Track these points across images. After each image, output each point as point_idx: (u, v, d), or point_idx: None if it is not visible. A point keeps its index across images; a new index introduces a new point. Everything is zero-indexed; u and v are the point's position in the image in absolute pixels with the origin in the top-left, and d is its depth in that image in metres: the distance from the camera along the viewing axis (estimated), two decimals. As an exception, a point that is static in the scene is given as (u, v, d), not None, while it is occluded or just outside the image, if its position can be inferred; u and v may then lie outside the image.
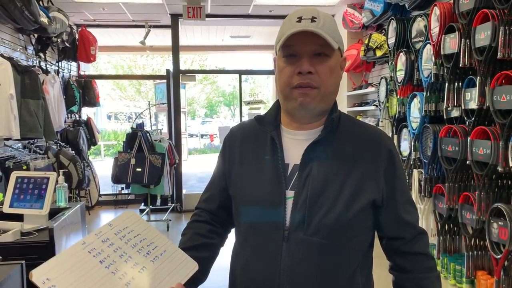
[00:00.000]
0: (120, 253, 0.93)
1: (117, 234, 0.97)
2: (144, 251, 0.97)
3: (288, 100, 1.05)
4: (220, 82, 22.52)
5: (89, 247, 0.91)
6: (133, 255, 0.95)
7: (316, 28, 0.98)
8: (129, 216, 1.04)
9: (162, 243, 1.03)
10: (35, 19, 3.83)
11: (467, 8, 2.88)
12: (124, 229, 0.99)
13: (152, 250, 0.99)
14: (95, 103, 6.39)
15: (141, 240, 0.99)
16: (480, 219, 2.77)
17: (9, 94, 3.58)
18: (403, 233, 1.09)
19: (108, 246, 0.93)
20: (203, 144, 18.69)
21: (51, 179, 2.11)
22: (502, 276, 2.57)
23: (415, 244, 1.10)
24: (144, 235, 1.01)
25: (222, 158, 1.20)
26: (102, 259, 0.90)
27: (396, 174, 1.07)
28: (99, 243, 0.93)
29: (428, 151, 3.45)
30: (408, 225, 1.09)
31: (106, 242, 0.94)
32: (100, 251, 0.91)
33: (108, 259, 0.91)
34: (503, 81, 2.57)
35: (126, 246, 0.96)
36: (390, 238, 1.11)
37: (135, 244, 0.98)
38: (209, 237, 1.17)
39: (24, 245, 1.94)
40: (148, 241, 1.00)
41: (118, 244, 0.95)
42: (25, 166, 3.90)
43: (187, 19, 5.56)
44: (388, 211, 1.07)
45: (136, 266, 0.93)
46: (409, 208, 1.10)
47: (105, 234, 0.95)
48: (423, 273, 1.09)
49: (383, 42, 4.38)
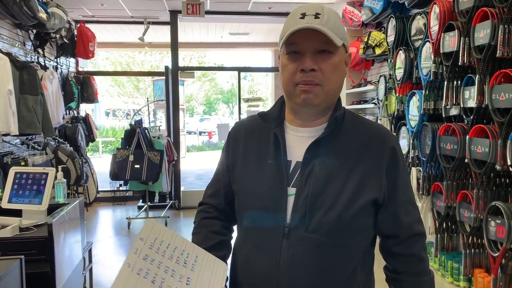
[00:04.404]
0: (164, 269, 0.92)
1: (151, 248, 0.94)
2: (181, 261, 0.96)
3: (291, 97, 1.05)
4: (218, 79, 22.49)
5: (136, 269, 0.89)
6: (175, 268, 0.94)
7: (319, 25, 0.97)
8: (152, 226, 1.00)
9: (191, 249, 1.01)
10: (33, 14, 3.82)
11: (466, 6, 2.88)
12: (154, 241, 0.96)
13: (187, 258, 0.98)
14: (94, 99, 6.38)
15: (174, 250, 0.97)
16: (478, 217, 2.78)
17: (8, 90, 3.56)
18: (397, 233, 1.08)
19: (151, 263, 0.91)
20: (201, 141, 18.68)
21: (50, 174, 2.10)
22: (499, 274, 2.58)
23: (408, 246, 1.08)
24: (174, 244, 0.99)
25: (226, 152, 1.19)
26: (152, 279, 0.88)
27: (398, 173, 1.07)
28: (141, 262, 0.90)
29: (426, 149, 3.45)
30: (403, 225, 1.08)
31: (147, 260, 0.91)
32: (147, 270, 0.89)
33: (157, 277, 0.89)
34: (502, 79, 2.58)
35: (165, 260, 0.94)
36: (385, 237, 1.11)
37: (171, 255, 0.96)
38: (223, 233, 1.17)
39: (23, 241, 1.93)
40: (180, 250, 0.99)
41: (158, 259, 0.93)
42: (23, 162, 3.90)
43: (186, 15, 5.55)
44: (387, 209, 1.06)
45: (182, 279, 0.92)
46: (409, 208, 1.09)
47: (143, 250, 0.92)
48: (411, 277, 1.08)
49: (383, 40, 4.38)
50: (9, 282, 1.36)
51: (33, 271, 1.77)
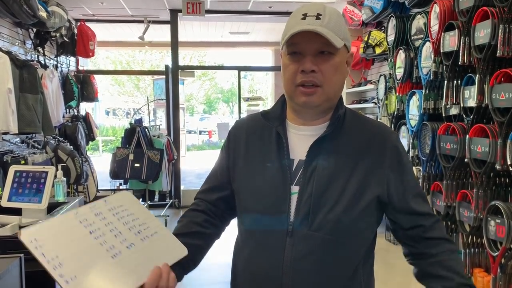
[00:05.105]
0: (110, 228, 0.94)
1: (111, 210, 0.98)
2: (135, 230, 0.98)
3: (292, 97, 1.06)
4: (218, 79, 22.48)
5: (81, 217, 0.91)
6: (123, 231, 0.95)
7: (321, 27, 0.97)
8: (125, 195, 1.04)
9: (154, 225, 1.03)
10: (33, 13, 3.82)
11: (467, 5, 2.88)
12: (118, 207, 1.00)
13: (144, 230, 0.99)
14: (94, 98, 6.37)
15: (133, 219, 1.00)
16: (478, 216, 2.78)
17: (8, 89, 3.56)
18: (421, 222, 1.08)
19: (100, 220, 0.94)
20: (201, 140, 18.68)
21: (49, 173, 2.10)
22: (499, 273, 2.58)
23: (435, 230, 1.09)
24: (137, 215, 1.01)
25: (226, 150, 1.18)
26: (92, 230, 0.90)
27: (403, 169, 1.08)
28: (91, 215, 0.93)
29: (426, 149, 3.45)
30: (424, 214, 1.09)
31: (98, 216, 0.94)
32: (92, 222, 0.92)
33: (98, 231, 0.91)
34: (502, 79, 2.58)
35: (118, 222, 0.96)
36: (407, 229, 1.10)
37: (127, 222, 0.98)
38: (204, 226, 1.16)
39: (23, 239, 1.93)
40: (141, 221, 1.01)
41: (110, 219, 0.95)
42: (23, 161, 3.90)
43: (187, 14, 5.55)
44: (400, 206, 1.07)
45: (125, 242, 0.93)
46: (421, 200, 1.10)
47: (99, 208, 0.96)
48: (448, 255, 1.07)
49: (383, 40, 4.38)
50: (8, 281, 1.36)
51: (32, 270, 1.76)
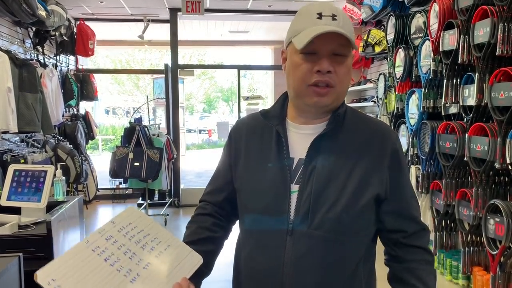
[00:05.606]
0: (124, 250, 0.93)
1: (121, 231, 0.96)
2: (148, 247, 0.97)
3: (301, 97, 1.05)
4: (218, 78, 22.46)
5: (93, 245, 0.90)
6: (137, 251, 0.94)
7: (339, 28, 0.97)
8: (131, 212, 1.03)
9: (166, 238, 1.02)
10: (33, 12, 3.81)
11: (466, 4, 2.88)
12: (127, 225, 0.98)
13: (156, 245, 0.99)
14: (93, 97, 6.38)
15: (144, 236, 0.99)
16: (477, 215, 2.78)
17: (7, 88, 3.56)
18: (404, 227, 1.08)
19: (112, 244, 0.92)
20: (201, 139, 18.67)
21: (49, 172, 2.10)
22: (498, 272, 2.58)
23: (415, 239, 1.09)
24: (147, 231, 1.00)
25: (228, 150, 1.19)
26: (106, 257, 0.89)
27: (400, 170, 1.08)
28: (102, 241, 0.92)
29: (425, 148, 3.45)
30: (411, 219, 1.09)
31: (109, 240, 0.93)
32: (104, 249, 0.90)
33: (112, 256, 0.90)
34: (501, 78, 2.58)
35: (130, 243, 0.95)
36: (390, 231, 1.10)
37: (139, 240, 0.97)
38: (213, 230, 1.16)
39: (22, 238, 1.94)
40: (152, 237, 1.00)
41: (122, 241, 0.94)
42: (22, 160, 3.89)
43: (186, 13, 5.54)
44: (391, 205, 1.07)
45: (141, 263, 0.93)
46: (413, 203, 1.10)
47: (108, 231, 0.94)
48: (421, 265, 1.08)
49: (382, 38, 4.38)
50: (7, 280, 1.36)
51: (31, 268, 1.76)
